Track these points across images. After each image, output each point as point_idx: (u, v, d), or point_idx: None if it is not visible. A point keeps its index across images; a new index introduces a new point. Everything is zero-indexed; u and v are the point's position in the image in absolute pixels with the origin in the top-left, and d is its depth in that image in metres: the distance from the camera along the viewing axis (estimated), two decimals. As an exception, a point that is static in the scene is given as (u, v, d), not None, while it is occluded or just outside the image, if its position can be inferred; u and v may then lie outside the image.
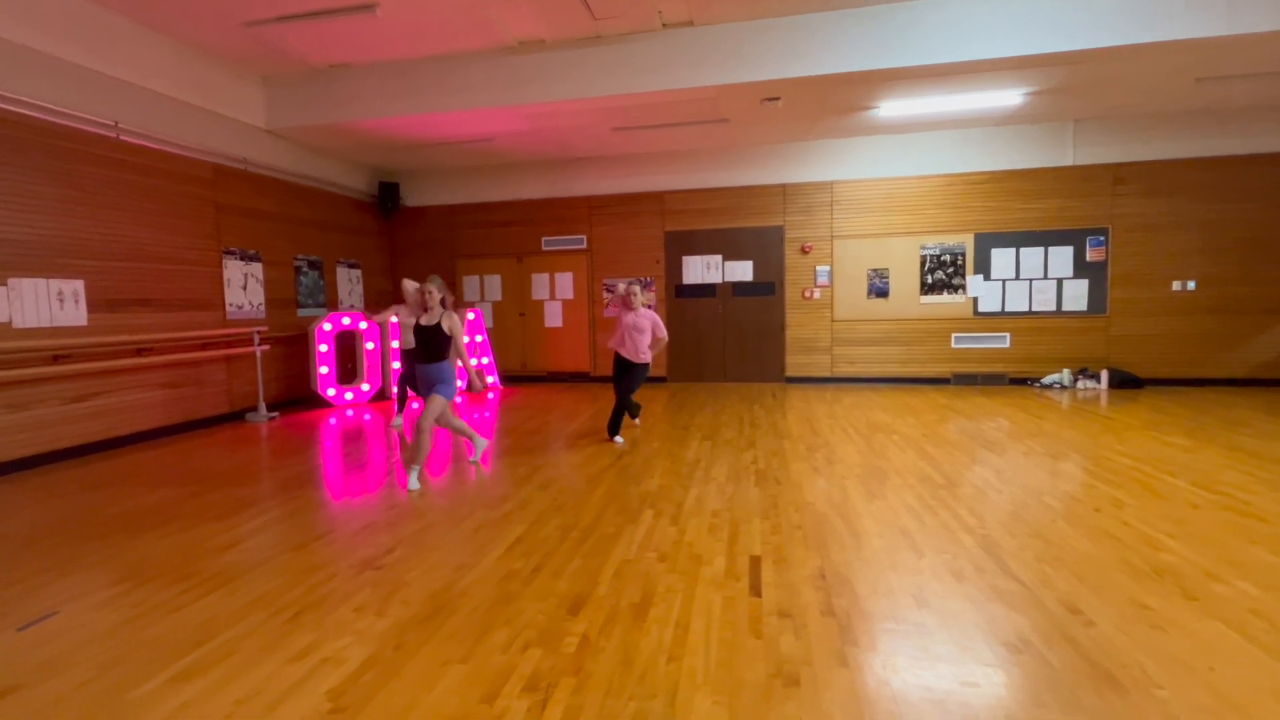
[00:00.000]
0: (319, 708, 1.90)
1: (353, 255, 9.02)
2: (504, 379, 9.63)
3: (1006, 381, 8.32)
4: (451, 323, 4.31)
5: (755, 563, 2.88)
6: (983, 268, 8.29)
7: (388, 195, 9.45)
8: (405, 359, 6.19)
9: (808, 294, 8.76)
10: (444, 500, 3.90)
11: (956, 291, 8.38)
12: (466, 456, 4.99)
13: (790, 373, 8.89)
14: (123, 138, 5.68)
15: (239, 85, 6.77)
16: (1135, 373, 7.97)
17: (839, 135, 8.35)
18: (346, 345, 8.33)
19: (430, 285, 4.33)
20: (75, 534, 3.47)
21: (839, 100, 6.87)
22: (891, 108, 7.13)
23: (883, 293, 8.57)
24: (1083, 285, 8.09)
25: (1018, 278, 8.22)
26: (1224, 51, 5.54)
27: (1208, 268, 7.79)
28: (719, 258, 8.99)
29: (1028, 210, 8.14)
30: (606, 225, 9.25)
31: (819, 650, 2.14)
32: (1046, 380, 8.12)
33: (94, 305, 5.43)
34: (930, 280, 8.43)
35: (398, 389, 6.36)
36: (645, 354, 5.33)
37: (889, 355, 8.62)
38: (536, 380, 9.62)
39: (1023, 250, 8.18)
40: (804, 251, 8.73)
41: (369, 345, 7.93)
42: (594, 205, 9.26)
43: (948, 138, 8.24)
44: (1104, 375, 7.88)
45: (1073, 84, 6.53)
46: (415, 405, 7.54)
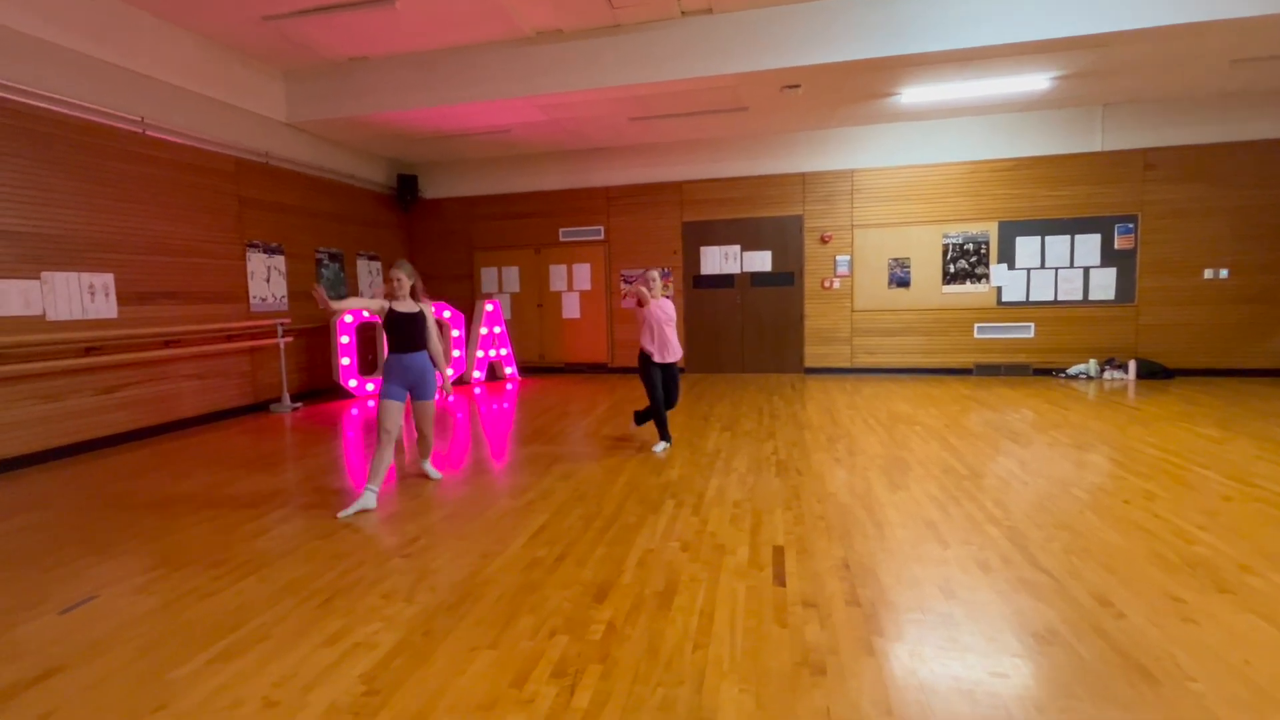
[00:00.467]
0: (353, 690, 1.94)
1: (372, 248, 9.09)
2: (522, 370, 9.68)
3: (1030, 372, 8.19)
4: (429, 312, 3.99)
5: (778, 553, 2.88)
6: (1006, 256, 8.15)
7: (406, 187, 9.51)
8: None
9: (827, 284, 8.68)
10: (466, 490, 3.94)
11: (980, 281, 8.25)
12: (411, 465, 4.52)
13: (809, 363, 8.83)
14: (148, 133, 5.76)
15: (260, 79, 6.84)
16: (1164, 363, 7.81)
17: (860, 122, 8.24)
18: (367, 337, 8.42)
19: (398, 271, 3.88)
20: (110, 521, 3.56)
21: (860, 87, 6.77)
22: (914, 94, 7.02)
23: (904, 282, 8.47)
24: (1110, 274, 7.92)
25: (1043, 266, 8.08)
26: (1263, 31, 5.37)
27: (1241, 255, 7.59)
28: (737, 248, 8.93)
29: (1054, 197, 7.98)
30: (624, 216, 9.23)
31: (845, 639, 2.14)
32: (1072, 371, 7.99)
33: (124, 298, 5.54)
34: (953, 269, 8.31)
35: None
36: (679, 349, 4.88)
37: (910, 345, 8.53)
38: (554, 371, 9.66)
39: (1048, 238, 8.03)
40: (823, 241, 8.64)
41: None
42: (612, 196, 9.24)
43: (971, 124, 8.09)
44: (1132, 365, 7.73)
45: (1102, 67, 6.37)
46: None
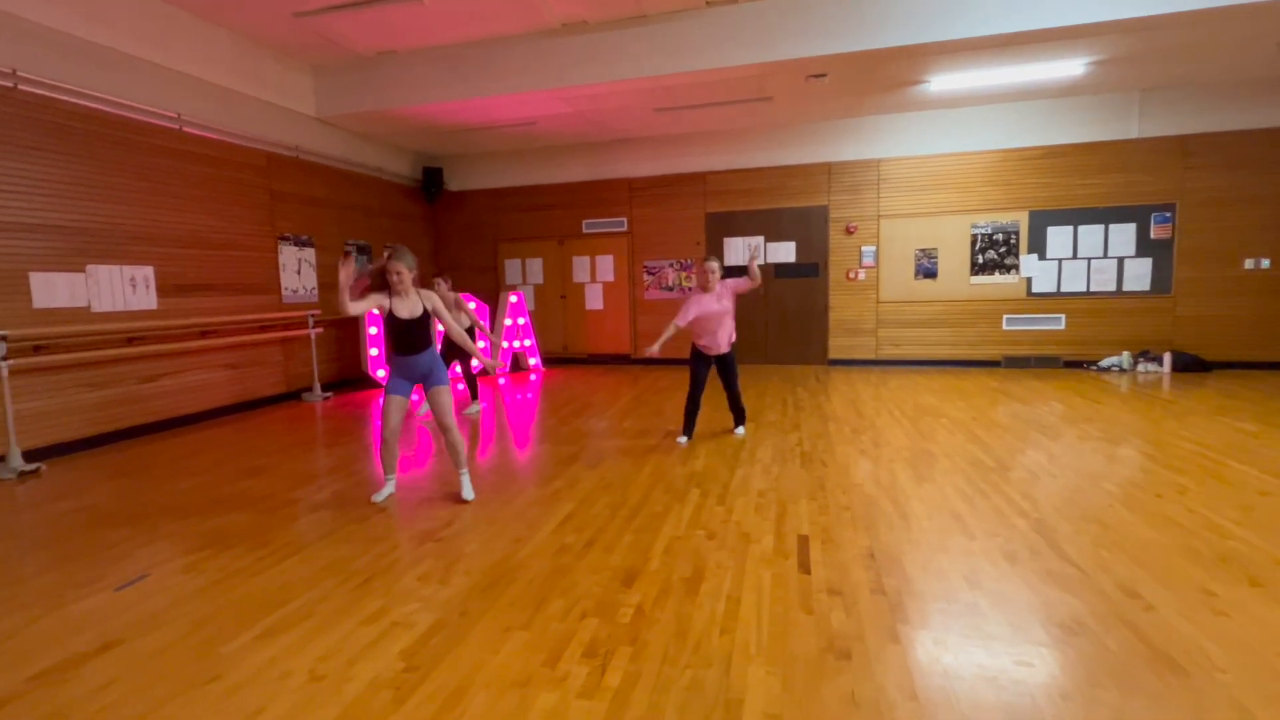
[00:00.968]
0: (393, 666, 2.02)
1: (399, 240, 9.23)
2: (546, 361, 9.78)
3: (1061, 364, 8.06)
4: (433, 303, 3.62)
5: (803, 541, 2.91)
6: (1037, 247, 8.01)
7: (432, 180, 9.63)
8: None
9: (852, 275, 8.61)
10: (494, 478, 4.03)
11: (1009, 272, 8.12)
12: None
13: (834, 355, 8.79)
14: (185, 129, 5.92)
15: (290, 74, 6.97)
16: (1202, 355, 7.63)
17: (887, 111, 8.13)
18: (395, 327, 8.57)
19: (398, 263, 3.44)
20: (156, 505, 3.72)
21: (888, 75, 6.68)
22: (943, 82, 6.91)
23: (931, 273, 8.37)
24: (1146, 264, 7.74)
25: (1075, 257, 7.92)
26: (1309, 12, 5.18)
27: (1283, 244, 7.37)
28: (761, 239, 8.90)
29: (1087, 186, 7.81)
30: (647, 207, 9.24)
31: (870, 626, 2.17)
32: (1104, 363, 7.84)
33: (163, 290, 5.72)
34: (981, 260, 8.19)
35: (465, 378, 6.21)
36: (722, 341, 4.70)
37: (936, 337, 8.44)
38: (578, 362, 9.74)
39: (1081, 228, 7.87)
40: (849, 232, 8.57)
41: (417, 327, 8.14)
42: (635, 187, 9.25)
43: (1002, 111, 7.94)
44: (1167, 358, 7.56)
45: (1140, 52, 6.20)
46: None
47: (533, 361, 9.12)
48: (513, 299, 8.69)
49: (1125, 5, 5.06)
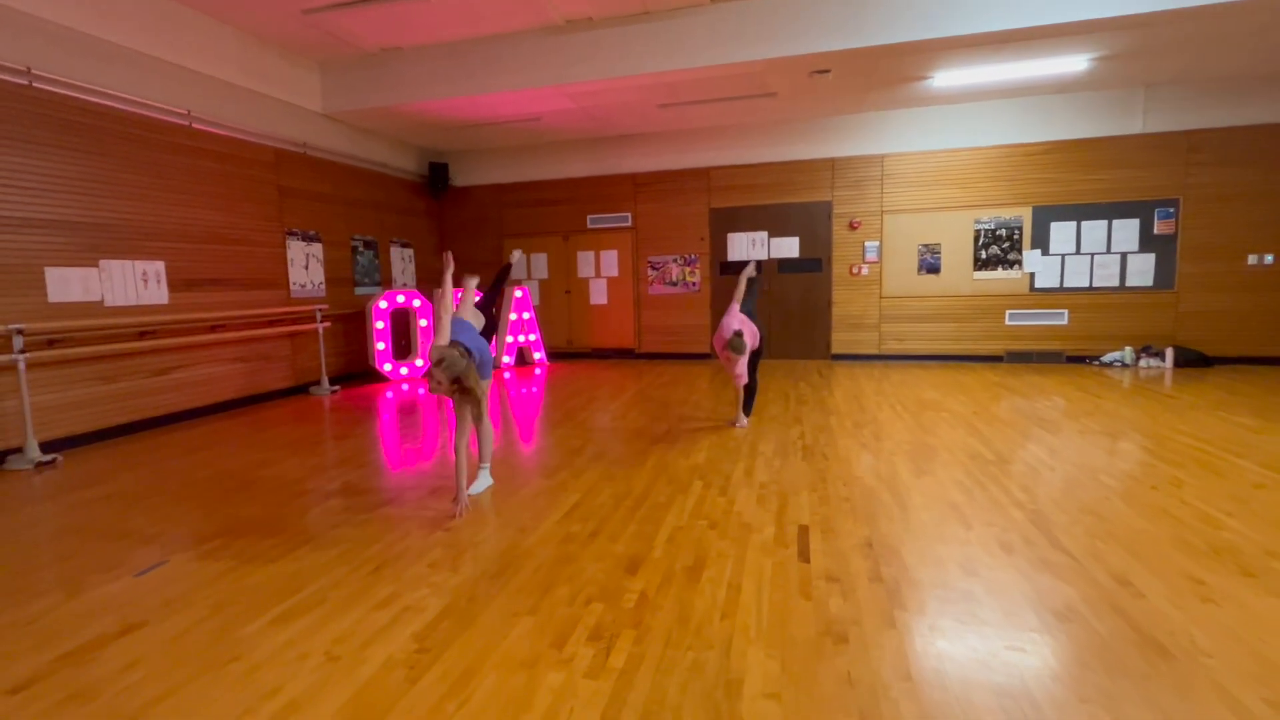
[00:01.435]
0: (406, 648, 2.10)
1: (405, 235, 9.31)
2: (550, 355, 9.85)
3: (1064, 359, 8.09)
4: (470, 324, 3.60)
5: (804, 531, 2.97)
6: (1040, 242, 8.03)
7: (437, 175, 9.69)
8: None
9: (855, 270, 8.65)
10: (500, 470, 4.10)
11: (1012, 267, 8.15)
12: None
13: (836, 350, 8.84)
14: (195, 125, 6.00)
15: (297, 71, 7.03)
16: (1204, 350, 7.65)
17: (890, 107, 8.15)
18: (401, 322, 8.66)
19: (438, 373, 3.14)
20: (171, 495, 3.80)
21: (891, 71, 6.71)
22: (947, 78, 6.93)
23: (934, 268, 8.40)
24: (1149, 259, 7.76)
25: (1078, 252, 7.94)
26: (1313, 8, 5.19)
27: (1287, 240, 7.37)
28: (764, 234, 8.94)
29: (1091, 181, 7.82)
30: (651, 203, 9.29)
31: (867, 612, 2.23)
32: (1107, 358, 7.87)
33: (174, 285, 5.81)
34: (984, 255, 8.22)
35: None
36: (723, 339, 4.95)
37: (939, 332, 8.48)
38: (582, 357, 9.81)
39: (1084, 224, 7.88)
40: (852, 227, 8.60)
41: (422, 322, 8.23)
42: (639, 182, 9.30)
43: (1005, 106, 7.95)
44: (1169, 353, 7.59)
45: (1145, 47, 6.21)
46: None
47: (537, 356, 9.19)
48: (518, 294, 8.75)
49: (1127, 1, 5.08)
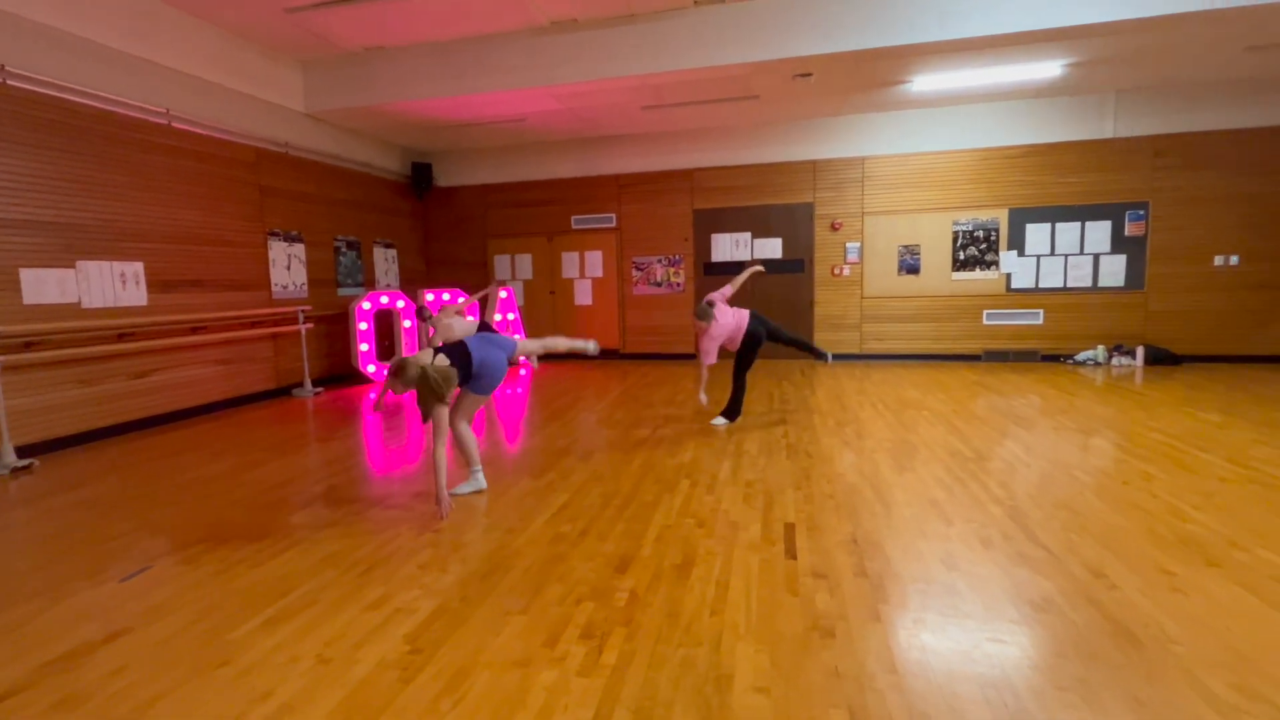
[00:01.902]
0: (399, 648, 2.11)
1: (388, 235, 9.24)
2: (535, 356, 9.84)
3: (1039, 358, 8.27)
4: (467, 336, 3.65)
5: (789, 529, 3.03)
6: (1016, 244, 8.20)
7: (421, 176, 9.63)
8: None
9: (837, 271, 8.76)
10: (487, 471, 4.10)
11: (989, 268, 8.31)
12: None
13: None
14: (174, 124, 5.91)
15: (279, 70, 6.96)
16: (1172, 349, 7.87)
17: (870, 110, 8.27)
18: (384, 323, 8.60)
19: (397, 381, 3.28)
20: (154, 499, 3.76)
21: (872, 75, 6.81)
22: (926, 82, 7.05)
23: (913, 269, 8.54)
24: (1120, 260, 7.96)
25: (1052, 253, 8.12)
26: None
27: (1252, 242, 7.61)
28: (748, 235, 9.02)
29: (1065, 184, 8.01)
30: (636, 204, 9.32)
31: (853, 606, 2.29)
32: (1080, 357, 8.06)
33: (153, 286, 5.72)
34: (962, 256, 8.37)
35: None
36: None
37: (919, 332, 8.62)
38: (567, 357, 9.82)
39: (1059, 225, 8.07)
40: (834, 228, 8.71)
41: (405, 324, 8.19)
42: (623, 184, 9.33)
43: (982, 111, 8.11)
44: (1140, 351, 7.79)
45: (1116, 54, 6.38)
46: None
47: (523, 357, 9.17)
48: (502, 294, 8.74)
49: (1097, 10, 5.22)
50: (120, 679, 2.02)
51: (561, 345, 3.91)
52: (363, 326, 7.74)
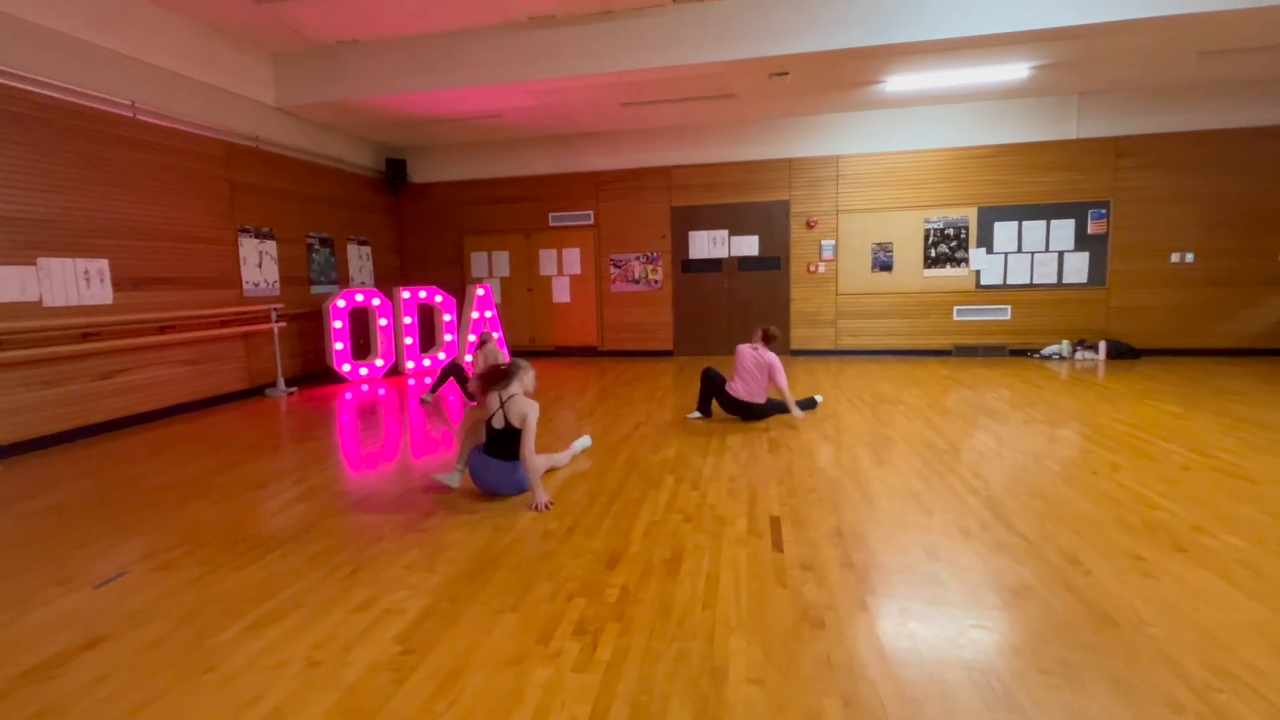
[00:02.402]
0: (389, 650, 2.09)
1: (362, 232, 9.09)
2: (513, 354, 9.78)
3: (1007, 353, 8.50)
4: (521, 415, 3.35)
5: (775, 522, 3.07)
6: (985, 241, 8.41)
7: (395, 172, 9.49)
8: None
9: (813, 268, 8.88)
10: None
11: (959, 265, 8.50)
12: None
13: (795, 346, 9.05)
14: (140, 117, 5.73)
15: (249, 62, 6.79)
16: (1133, 343, 8.15)
17: (845, 109, 8.39)
18: (359, 321, 8.46)
19: (517, 366, 3.52)
20: (125, 503, 3.65)
21: (847, 75, 6.91)
22: (899, 82, 7.18)
23: (887, 266, 8.69)
24: (1083, 258, 8.22)
25: (1020, 251, 8.35)
26: (1225, 26, 5.60)
27: (1206, 240, 7.92)
28: (725, 232, 9.08)
29: (1031, 184, 8.23)
30: (614, 201, 9.32)
31: (840, 597, 2.34)
32: (1046, 351, 8.30)
33: (119, 284, 5.55)
34: (933, 254, 8.55)
35: (440, 374, 6.18)
36: (760, 394, 5.12)
37: (892, 328, 8.78)
38: (545, 355, 9.78)
39: (1025, 224, 8.29)
40: (809, 226, 8.82)
41: (381, 321, 8.07)
42: (601, 181, 9.31)
43: (953, 111, 8.28)
44: (1102, 346, 8.06)
45: (1079, 57, 6.58)
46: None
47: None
48: (479, 292, 8.66)
49: (1060, 14, 5.38)
50: (102, 687, 1.96)
51: (561, 460, 4.04)
52: (338, 325, 7.60)
